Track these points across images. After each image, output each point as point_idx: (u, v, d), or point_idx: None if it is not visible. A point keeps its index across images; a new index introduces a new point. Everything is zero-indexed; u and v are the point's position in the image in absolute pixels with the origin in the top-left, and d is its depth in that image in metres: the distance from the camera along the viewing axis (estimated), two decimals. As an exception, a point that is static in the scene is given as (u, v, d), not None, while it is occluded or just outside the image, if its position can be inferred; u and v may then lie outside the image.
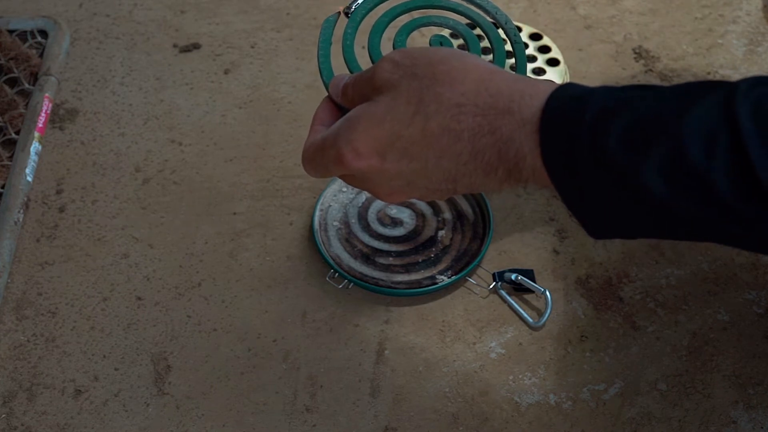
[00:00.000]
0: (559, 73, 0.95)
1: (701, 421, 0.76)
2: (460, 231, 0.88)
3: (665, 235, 0.57)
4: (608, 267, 0.86)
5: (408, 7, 0.73)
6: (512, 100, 0.57)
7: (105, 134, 0.97)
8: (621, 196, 0.54)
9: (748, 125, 0.50)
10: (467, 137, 0.58)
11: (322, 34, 0.71)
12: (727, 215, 0.51)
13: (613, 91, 0.55)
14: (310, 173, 0.66)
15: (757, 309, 0.83)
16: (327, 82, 0.68)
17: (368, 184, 0.63)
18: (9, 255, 0.87)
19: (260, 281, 0.86)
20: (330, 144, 0.62)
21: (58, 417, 0.77)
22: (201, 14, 1.09)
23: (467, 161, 0.58)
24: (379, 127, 0.59)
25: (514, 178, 0.58)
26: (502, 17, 0.72)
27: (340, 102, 0.66)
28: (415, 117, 0.58)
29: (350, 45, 0.71)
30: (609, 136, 0.53)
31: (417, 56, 0.60)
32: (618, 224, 0.57)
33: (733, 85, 0.52)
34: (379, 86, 0.61)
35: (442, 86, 0.58)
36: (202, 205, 0.91)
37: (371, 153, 0.60)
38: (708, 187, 0.51)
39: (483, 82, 0.58)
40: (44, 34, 1.06)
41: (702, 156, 0.50)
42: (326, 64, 0.70)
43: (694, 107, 0.52)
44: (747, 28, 1.07)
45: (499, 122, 0.57)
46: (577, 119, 0.54)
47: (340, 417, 0.77)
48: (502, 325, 0.83)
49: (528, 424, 0.77)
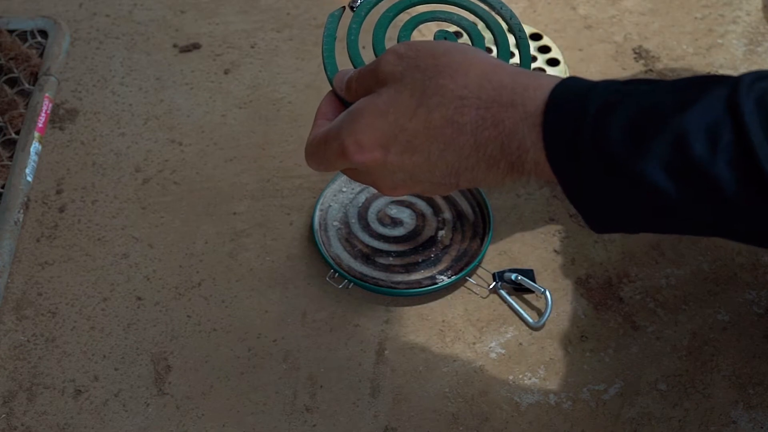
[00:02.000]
0: (558, 73, 0.95)
1: (701, 421, 0.76)
2: (460, 231, 0.88)
3: (668, 230, 0.57)
4: (608, 267, 0.86)
5: (412, 2, 0.72)
6: (515, 93, 0.57)
7: (105, 134, 0.97)
8: (624, 190, 0.54)
9: (752, 119, 0.50)
10: (470, 130, 0.58)
11: (327, 29, 0.71)
12: (731, 209, 0.51)
13: (616, 84, 0.55)
14: (313, 167, 0.65)
15: (757, 309, 0.83)
16: (331, 77, 0.68)
17: (371, 178, 0.63)
18: (9, 255, 0.87)
19: (260, 281, 0.86)
20: (333, 137, 0.62)
21: (58, 417, 0.77)
22: (201, 14, 1.09)
23: (470, 154, 0.58)
24: (382, 120, 0.59)
25: (516, 172, 0.58)
26: (507, 12, 0.72)
27: (343, 96, 0.66)
28: (419, 109, 0.58)
29: (354, 40, 0.70)
30: (612, 130, 0.53)
31: (420, 49, 0.60)
32: (621, 218, 0.57)
33: (737, 79, 0.52)
34: (382, 78, 0.61)
35: (446, 78, 0.58)
36: (202, 205, 0.91)
37: (374, 146, 0.60)
38: (711, 181, 0.51)
39: (486, 75, 0.58)
40: (44, 34, 1.06)
41: (705, 150, 0.50)
42: (330, 59, 0.70)
43: (697, 101, 0.52)
44: (747, 28, 1.07)
45: (502, 115, 0.57)
46: (580, 113, 0.54)
47: (340, 417, 0.77)
48: (502, 325, 0.83)
49: (528, 424, 0.77)
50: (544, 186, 0.92)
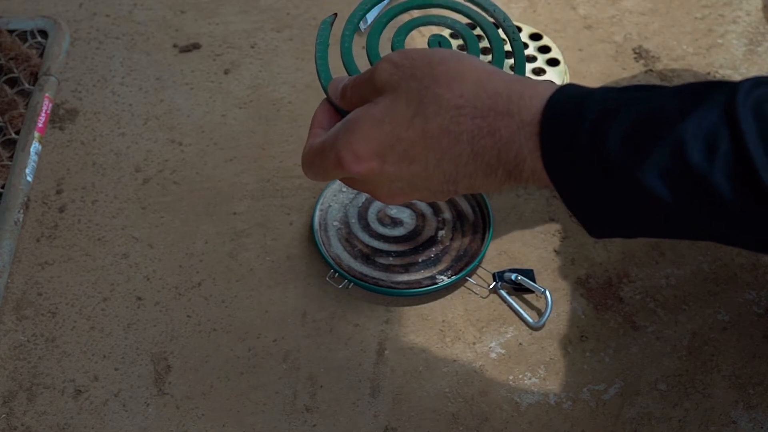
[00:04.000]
0: (559, 73, 0.95)
1: (701, 421, 0.76)
2: (460, 231, 0.88)
3: (665, 235, 0.58)
4: (608, 267, 0.86)
5: (406, 7, 0.72)
6: (511, 101, 0.57)
7: (105, 134, 0.97)
8: (622, 197, 0.54)
9: (749, 127, 0.50)
10: (466, 139, 0.58)
11: (319, 36, 0.70)
12: (728, 216, 0.51)
13: (613, 92, 0.55)
14: (310, 177, 0.65)
15: (757, 309, 0.83)
16: (325, 85, 0.68)
17: (368, 187, 0.63)
18: (9, 255, 0.87)
19: (260, 281, 0.86)
20: (329, 148, 0.62)
21: (58, 417, 0.77)
22: (201, 14, 1.09)
23: (467, 163, 0.58)
24: (379, 130, 0.59)
25: (514, 179, 0.58)
26: (500, 15, 0.72)
27: (339, 104, 0.66)
28: (415, 119, 0.58)
29: (348, 47, 0.70)
30: (609, 139, 0.53)
31: (416, 57, 0.60)
32: (618, 224, 0.57)
33: (734, 85, 0.52)
34: (378, 88, 0.61)
35: (442, 87, 0.58)
36: (202, 205, 0.91)
37: (371, 156, 0.60)
38: (709, 189, 0.51)
39: (481, 84, 0.58)
40: (44, 34, 1.06)
41: (703, 158, 0.50)
42: (324, 66, 0.69)
43: (694, 109, 0.52)
44: (747, 28, 1.07)
45: (499, 124, 0.57)
46: (577, 121, 0.54)
47: (340, 417, 0.77)
48: (502, 325, 0.83)
49: (528, 424, 0.77)
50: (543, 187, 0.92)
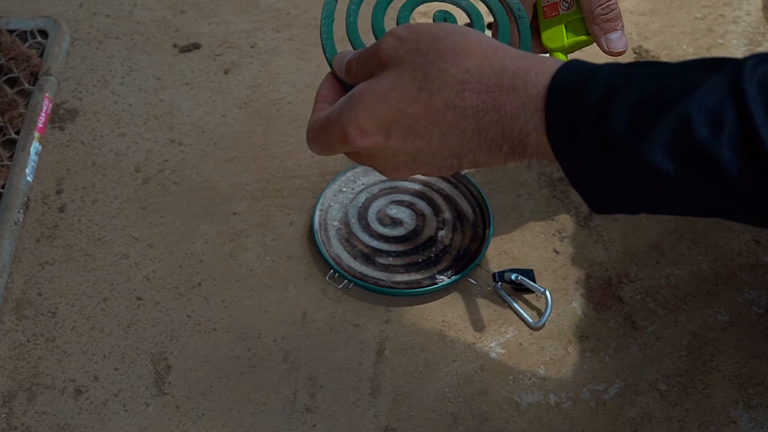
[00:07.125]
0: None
1: (701, 421, 0.76)
2: (460, 231, 0.88)
3: (668, 211, 0.57)
4: (608, 267, 0.86)
5: None
6: (517, 77, 0.57)
7: (105, 134, 0.97)
8: (626, 172, 0.54)
9: (755, 102, 0.50)
10: (471, 114, 0.58)
11: (324, 10, 0.70)
12: (733, 191, 0.51)
13: (619, 67, 0.55)
14: (315, 151, 0.65)
15: (757, 309, 0.83)
16: (330, 59, 0.68)
17: (373, 161, 0.63)
18: (9, 255, 0.87)
19: (260, 281, 0.86)
20: (334, 122, 0.61)
21: (58, 417, 0.77)
22: (201, 14, 1.09)
23: (471, 138, 0.58)
24: (384, 104, 0.59)
25: (518, 154, 0.58)
26: None
27: (343, 78, 0.66)
28: (420, 93, 0.58)
29: (353, 21, 0.69)
30: (615, 113, 0.53)
31: (421, 32, 0.60)
32: (622, 200, 0.57)
33: (740, 61, 0.52)
34: (383, 62, 0.60)
35: (447, 62, 0.58)
36: (202, 205, 0.91)
37: (376, 130, 0.60)
38: (715, 164, 0.51)
39: (487, 59, 0.58)
40: (44, 34, 1.06)
41: (709, 133, 0.50)
42: (329, 40, 0.69)
43: (700, 84, 0.52)
44: (747, 28, 1.07)
45: (504, 99, 0.57)
46: (582, 97, 0.54)
47: (340, 417, 0.77)
48: (502, 325, 0.83)
49: (528, 424, 0.77)
50: (544, 186, 0.92)
